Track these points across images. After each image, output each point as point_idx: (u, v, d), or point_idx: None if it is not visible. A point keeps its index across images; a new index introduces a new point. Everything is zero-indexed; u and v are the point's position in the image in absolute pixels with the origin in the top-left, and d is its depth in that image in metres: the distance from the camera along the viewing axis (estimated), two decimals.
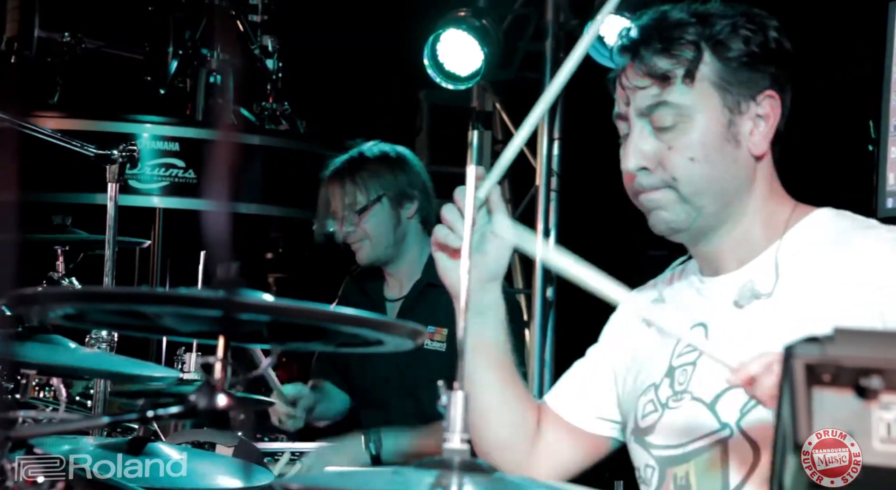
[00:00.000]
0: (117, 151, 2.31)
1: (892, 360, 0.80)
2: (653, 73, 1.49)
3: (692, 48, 1.49)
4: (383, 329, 1.09)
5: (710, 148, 1.50)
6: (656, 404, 1.59)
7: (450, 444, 1.09)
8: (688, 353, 1.57)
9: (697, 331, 1.56)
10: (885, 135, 2.69)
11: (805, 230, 1.54)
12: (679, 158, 1.50)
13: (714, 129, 1.50)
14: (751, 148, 1.52)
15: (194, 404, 1.10)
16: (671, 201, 1.52)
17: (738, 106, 1.51)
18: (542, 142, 4.71)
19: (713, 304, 1.56)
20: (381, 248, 2.92)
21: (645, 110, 1.52)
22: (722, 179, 1.51)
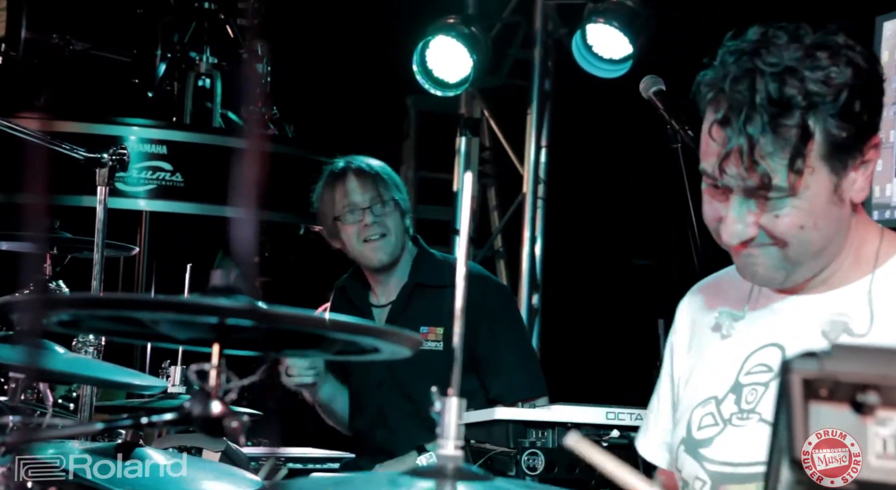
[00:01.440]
0: (107, 155, 2.30)
1: (890, 377, 0.81)
2: (758, 165, 1.37)
3: (800, 133, 1.37)
4: (380, 336, 1.09)
5: (819, 215, 1.42)
6: (717, 418, 1.53)
7: (444, 451, 1.09)
8: (759, 373, 1.51)
9: (772, 351, 1.51)
10: None
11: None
12: (788, 228, 1.42)
13: (822, 198, 1.41)
14: (853, 197, 1.45)
15: (189, 411, 1.10)
16: (773, 260, 1.45)
17: (845, 168, 1.42)
18: (530, 149, 4.72)
19: (792, 325, 1.51)
20: (397, 247, 2.95)
21: (749, 191, 1.41)
22: (828, 239, 1.45)
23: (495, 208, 5.30)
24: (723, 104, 1.40)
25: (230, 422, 1.11)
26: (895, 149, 2.67)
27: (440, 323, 2.88)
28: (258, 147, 0.86)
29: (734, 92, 1.38)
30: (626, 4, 4.15)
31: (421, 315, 2.91)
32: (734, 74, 1.39)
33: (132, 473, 1.57)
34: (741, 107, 1.38)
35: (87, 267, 2.44)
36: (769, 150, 1.37)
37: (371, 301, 3.05)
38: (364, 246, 2.93)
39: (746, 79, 1.38)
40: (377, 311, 3.03)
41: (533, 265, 4.66)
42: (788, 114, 1.37)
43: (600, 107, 4.45)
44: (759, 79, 1.37)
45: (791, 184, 1.39)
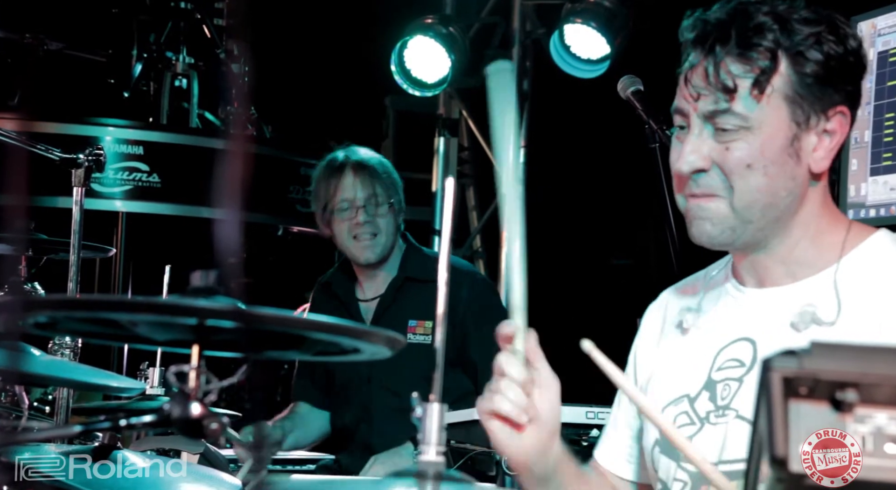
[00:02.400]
0: (83, 155, 2.28)
1: (868, 374, 0.81)
2: (723, 78, 1.41)
3: (768, 57, 1.40)
4: (361, 337, 1.09)
5: (770, 160, 1.42)
6: (693, 417, 1.52)
7: (425, 456, 1.09)
8: (731, 368, 1.50)
9: (743, 346, 1.50)
10: (847, 148, 2.74)
11: (865, 255, 1.47)
12: (736, 163, 1.42)
13: (777, 142, 1.42)
14: (811, 164, 1.44)
15: (168, 413, 1.09)
16: (721, 214, 1.45)
17: (807, 121, 1.42)
18: None
19: (760, 318, 1.50)
20: (387, 247, 2.96)
21: (708, 114, 1.43)
22: (775, 193, 1.44)
23: (474, 208, 5.31)
24: (699, 26, 1.45)
25: (210, 423, 1.11)
26: (870, 148, 2.70)
27: (429, 316, 2.88)
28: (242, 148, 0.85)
29: (713, 18, 1.44)
30: (604, 5, 4.16)
31: (410, 309, 2.92)
32: (716, 10, 1.45)
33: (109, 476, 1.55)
34: (716, 27, 1.42)
35: (63, 268, 2.42)
36: (735, 71, 1.41)
37: (357, 295, 3.05)
38: (353, 242, 2.93)
39: (728, 10, 1.44)
40: (364, 305, 3.03)
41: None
42: (760, 37, 1.41)
43: (578, 107, 4.47)
44: (738, 12, 1.43)
45: (749, 112, 1.41)
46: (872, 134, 2.68)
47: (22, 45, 4.15)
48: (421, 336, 2.88)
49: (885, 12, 2.81)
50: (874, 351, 0.83)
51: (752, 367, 1.48)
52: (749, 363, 1.49)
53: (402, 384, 2.87)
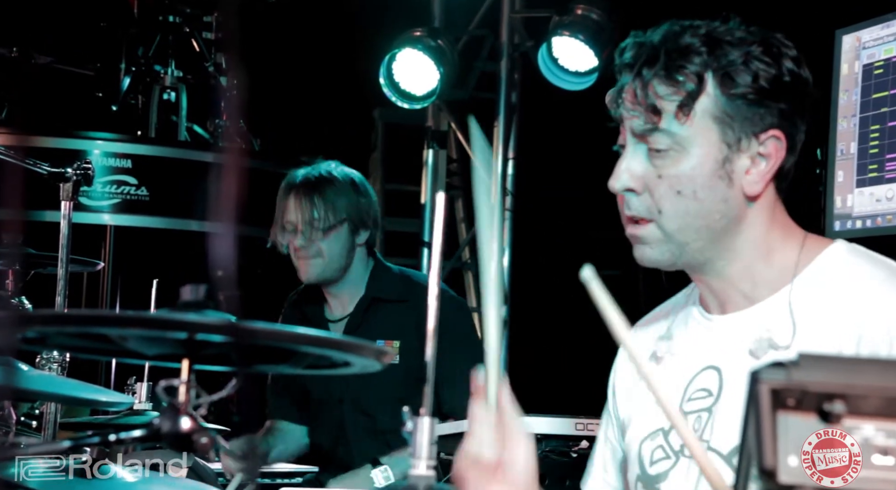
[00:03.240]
0: (71, 169, 2.27)
1: (855, 386, 0.82)
2: (650, 100, 1.42)
3: (695, 80, 1.40)
4: (352, 351, 1.09)
5: (700, 184, 1.42)
6: (668, 451, 1.51)
7: (416, 471, 1.09)
8: (701, 399, 1.49)
9: (710, 374, 1.49)
10: (833, 159, 2.76)
11: (819, 273, 1.45)
12: (666, 189, 1.43)
13: (707, 165, 1.42)
14: (744, 187, 1.43)
15: (158, 428, 1.09)
16: (656, 239, 1.45)
17: (738, 143, 1.42)
18: (497, 161, 4.74)
19: (724, 346, 1.50)
20: (331, 270, 2.92)
21: (639, 134, 1.44)
22: (708, 216, 1.44)
23: (463, 220, 5.31)
24: (633, 49, 1.45)
25: (200, 438, 1.11)
26: (856, 160, 2.72)
27: (396, 336, 2.86)
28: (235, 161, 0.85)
29: (645, 40, 1.44)
30: (592, 18, 4.19)
31: (377, 329, 2.89)
32: (656, 29, 1.45)
33: None
34: (647, 49, 1.43)
35: (51, 282, 2.41)
36: (661, 92, 1.41)
37: (326, 315, 3.03)
38: (297, 262, 2.93)
39: (661, 33, 1.44)
40: (332, 325, 3.01)
41: (501, 277, 4.67)
42: (686, 60, 1.41)
43: (567, 119, 4.49)
44: (671, 33, 1.43)
45: (677, 132, 1.41)
46: (858, 146, 2.70)
47: (10, 60, 4.15)
48: None
49: (868, 26, 2.84)
50: (861, 363, 0.83)
51: (719, 397, 1.47)
52: (716, 393, 1.48)
53: (372, 405, 2.86)
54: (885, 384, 0.81)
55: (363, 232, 2.93)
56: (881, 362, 0.83)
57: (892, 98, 2.62)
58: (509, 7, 4.67)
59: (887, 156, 2.58)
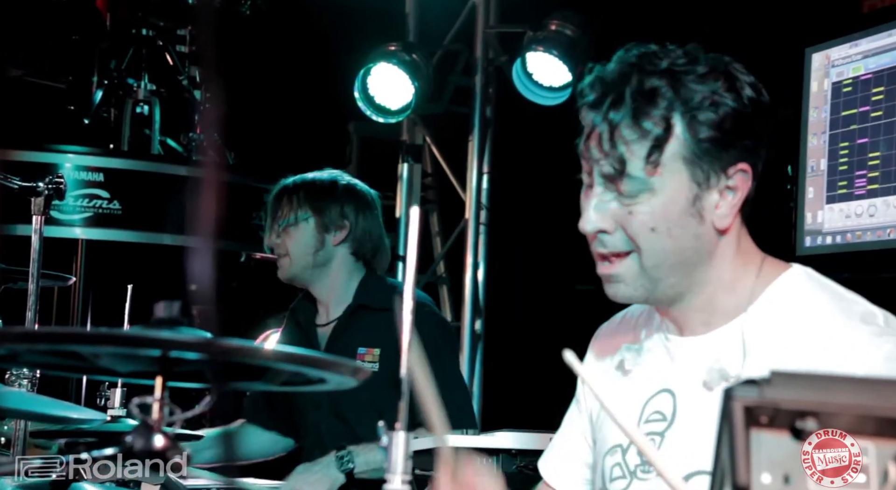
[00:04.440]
0: (43, 183, 2.25)
1: (827, 403, 0.83)
2: (618, 146, 1.41)
3: (662, 125, 1.40)
4: (325, 367, 1.08)
5: (673, 222, 1.42)
6: (624, 470, 1.52)
7: (391, 486, 1.08)
8: (655, 422, 1.51)
9: (665, 398, 1.50)
10: (803, 176, 2.79)
11: (772, 302, 1.46)
12: (640, 227, 1.42)
13: (679, 204, 1.42)
14: (715, 221, 1.44)
15: (131, 445, 1.08)
16: (632, 274, 1.44)
17: (707, 180, 1.42)
18: (472, 175, 4.75)
19: (680, 371, 1.51)
20: (298, 267, 2.94)
21: (608, 178, 1.44)
22: (682, 253, 1.44)
23: (437, 234, 5.32)
24: (596, 87, 1.44)
25: (173, 455, 1.10)
26: (826, 177, 2.75)
27: (377, 344, 2.87)
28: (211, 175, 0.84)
29: (609, 79, 1.43)
30: (566, 33, 4.22)
31: (360, 336, 2.91)
32: (614, 67, 1.44)
33: None
34: (611, 92, 1.42)
35: (21, 297, 2.38)
36: (629, 137, 1.41)
37: (317, 321, 3.04)
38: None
39: (624, 70, 1.43)
40: (321, 330, 3.02)
41: (476, 291, 4.68)
42: (653, 104, 1.40)
43: (541, 133, 4.51)
44: (635, 72, 1.42)
45: (647, 176, 1.41)
46: (828, 163, 2.73)
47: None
48: (369, 364, 2.88)
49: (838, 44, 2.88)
50: (833, 380, 0.84)
51: (672, 423, 1.48)
52: (670, 417, 1.49)
53: (350, 411, 2.87)
54: (857, 402, 0.82)
55: (336, 231, 2.93)
56: (853, 380, 0.84)
57: (861, 115, 2.65)
58: (484, 22, 4.70)
59: (856, 172, 2.61)
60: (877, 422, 0.81)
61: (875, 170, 2.54)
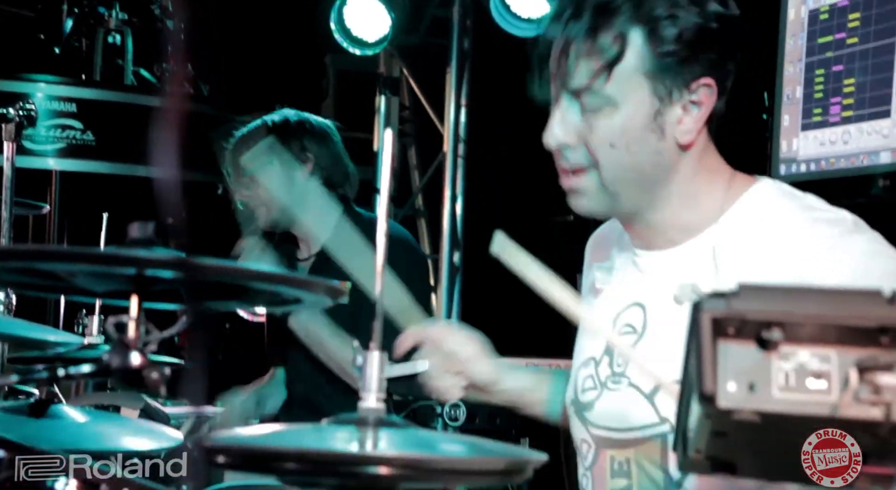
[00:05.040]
0: (13, 109, 2.22)
1: (792, 314, 0.85)
2: (576, 59, 1.41)
3: (619, 39, 1.39)
4: (301, 286, 1.09)
5: (632, 137, 1.42)
6: (595, 381, 1.55)
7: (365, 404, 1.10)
8: (626, 334, 1.51)
9: (635, 311, 1.52)
10: (779, 104, 2.79)
11: (743, 215, 1.46)
12: (599, 143, 1.43)
13: (638, 119, 1.42)
14: (678, 137, 1.44)
15: (107, 364, 1.09)
16: (592, 189, 1.45)
17: (669, 95, 1.41)
18: (450, 108, 4.73)
19: (650, 284, 1.51)
20: (276, 212, 2.94)
21: (569, 91, 1.44)
22: (641, 169, 1.44)
23: (416, 167, 5.31)
24: (561, 2, 1.45)
25: (150, 373, 1.11)
26: (801, 104, 2.76)
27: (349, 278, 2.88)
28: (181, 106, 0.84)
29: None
30: None
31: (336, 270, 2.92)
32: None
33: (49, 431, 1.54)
34: (571, 5, 1.42)
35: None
36: (588, 51, 1.40)
37: (297, 255, 3.06)
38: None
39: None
40: (301, 264, 3.04)
41: (454, 223, 4.69)
42: (612, 18, 1.40)
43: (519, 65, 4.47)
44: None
45: (607, 91, 1.41)
46: (804, 90, 2.74)
47: None
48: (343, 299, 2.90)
49: None
50: (798, 292, 0.86)
51: (642, 335, 1.50)
52: (640, 330, 1.50)
53: None
54: (821, 312, 0.84)
55: (302, 166, 2.91)
56: (817, 291, 0.86)
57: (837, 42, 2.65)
58: None
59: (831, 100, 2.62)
60: (839, 330, 0.83)
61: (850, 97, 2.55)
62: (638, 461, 1.46)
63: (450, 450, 1.02)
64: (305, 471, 0.96)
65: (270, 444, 1.02)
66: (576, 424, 1.58)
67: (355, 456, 0.96)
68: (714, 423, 0.89)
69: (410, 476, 0.95)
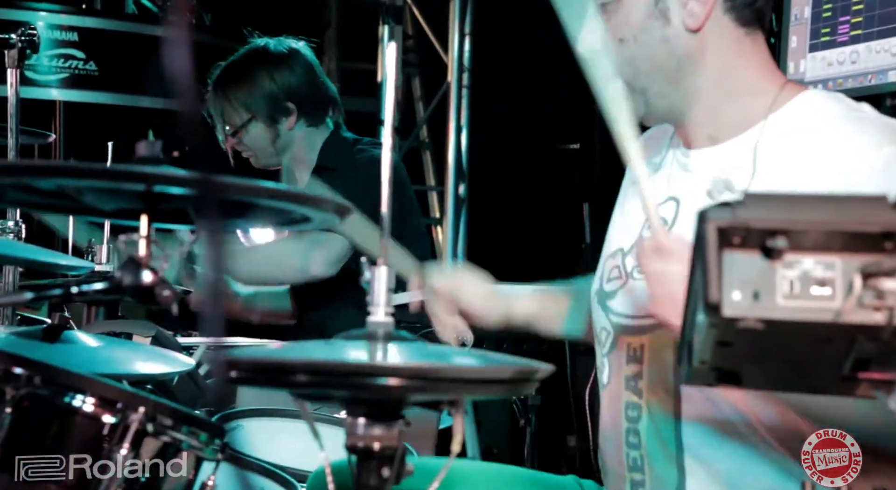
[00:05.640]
0: (15, 35, 2.20)
1: (797, 222, 0.85)
2: None
3: None
4: (310, 204, 1.10)
5: (637, 28, 1.44)
6: (622, 271, 1.57)
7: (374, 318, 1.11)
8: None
9: (669, 205, 1.53)
10: (787, 25, 2.76)
11: (788, 118, 1.44)
12: (613, 41, 1.43)
13: (639, 7, 1.43)
14: (686, 21, 1.43)
15: (120, 281, 1.11)
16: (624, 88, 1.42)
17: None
18: (454, 38, 4.67)
19: (689, 181, 1.51)
20: (265, 159, 2.94)
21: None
22: (654, 60, 1.45)
23: (420, 99, 5.26)
24: None
25: (162, 290, 1.12)
26: (809, 25, 2.72)
27: None
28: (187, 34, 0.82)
29: None
30: None
31: None
32: None
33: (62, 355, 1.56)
34: None
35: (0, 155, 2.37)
36: None
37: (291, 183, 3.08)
38: None
39: None
40: None
41: (459, 154, 4.67)
42: None
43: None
44: None
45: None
46: (812, 10, 2.70)
47: None
48: None
49: None
50: (803, 199, 0.86)
51: (671, 228, 1.50)
52: (671, 223, 1.52)
53: None
54: (824, 219, 0.84)
55: (283, 118, 2.86)
56: (821, 198, 0.86)
57: None
58: None
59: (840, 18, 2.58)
60: (843, 237, 0.83)
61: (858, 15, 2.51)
62: (651, 347, 1.50)
63: (458, 360, 1.04)
64: (317, 383, 0.98)
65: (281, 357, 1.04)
66: (598, 313, 1.61)
67: (365, 366, 0.97)
68: (719, 333, 0.90)
69: (420, 387, 0.97)
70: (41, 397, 1.23)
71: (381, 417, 1.02)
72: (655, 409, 1.49)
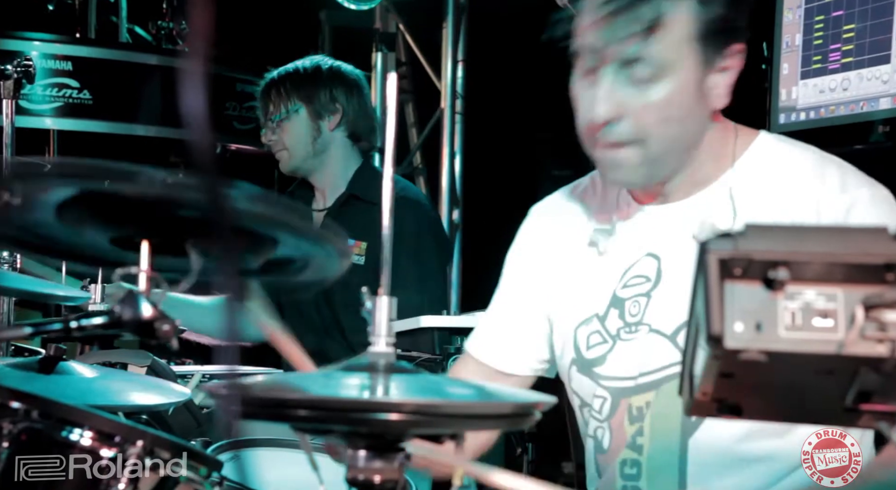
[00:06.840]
0: (11, 66, 2.21)
1: (798, 253, 0.85)
2: (630, 26, 1.38)
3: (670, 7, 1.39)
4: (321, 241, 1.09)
5: (685, 107, 1.44)
6: (605, 336, 1.55)
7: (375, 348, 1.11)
8: (638, 285, 1.53)
9: (648, 262, 1.53)
10: (778, 52, 2.79)
11: (753, 162, 1.51)
12: (654, 117, 1.42)
13: (689, 88, 1.43)
14: (714, 102, 1.47)
15: (119, 315, 1.10)
16: (633, 162, 1.45)
17: (712, 61, 1.43)
18: (447, 64, 4.69)
19: (665, 235, 1.53)
20: (298, 159, 2.97)
21: (620, 61, 1.41)
22: (686, 138, 1.47)
23: (413, 125, 5.28)
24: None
25: (161, 325, 1.12)
26: (800, 52, 2.75)
27: (365, 237, 2.90)
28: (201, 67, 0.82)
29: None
30: None
31: (349, 227, 2.93)
32: None
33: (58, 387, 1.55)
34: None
35: None
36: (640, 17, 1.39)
37: (314, 206, 3.08)
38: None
39: None
40: (316, 215, 3.06)
41: (453, 180, 4.68)
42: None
43: (517, 19, 4.44)
44: None
45: (663, 57, 1.40)
46: (803, 37, 2.73)
47: None
48: (356, 256, 2.92)
49: None
50: (804, 230, 0.87)
51: (658, 282, 1.52)
52: (654, 278, 1.53)
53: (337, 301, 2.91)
54: (826, 250, 0.84)
55: (329, 117, 2.93)
56: (822, 229, 0.87)
57: None
58: None
59: (831, 46, 2.61)
60: (844, 268, 0.84)
61: (849, 43, 2.55)
62: (658, 402, 1.49)
63: (459, 394, 1.04)
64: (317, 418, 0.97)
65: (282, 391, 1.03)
66: (582, 382, 1.58)
67: (366, 402, 0.97)
68: (721, 364, 0.90)
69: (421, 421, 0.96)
70: (39, 431, 1.22)
71: (382, 450, 1.01)
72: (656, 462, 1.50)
